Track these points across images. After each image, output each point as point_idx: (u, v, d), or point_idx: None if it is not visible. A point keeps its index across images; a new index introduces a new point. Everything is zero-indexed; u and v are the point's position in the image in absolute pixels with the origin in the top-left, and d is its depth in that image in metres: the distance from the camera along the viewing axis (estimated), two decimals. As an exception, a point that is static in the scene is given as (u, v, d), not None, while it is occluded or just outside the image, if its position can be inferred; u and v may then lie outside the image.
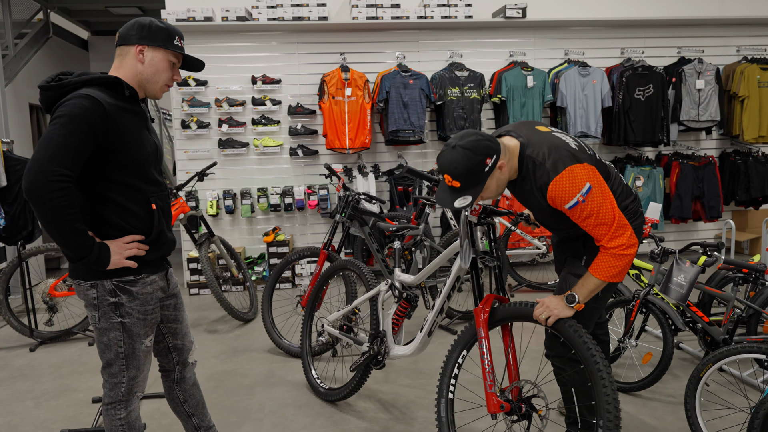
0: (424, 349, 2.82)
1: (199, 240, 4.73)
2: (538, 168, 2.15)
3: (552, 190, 2.11)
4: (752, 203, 6.51)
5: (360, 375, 3.10)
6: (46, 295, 4.45)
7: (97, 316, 2.02)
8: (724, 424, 2.79)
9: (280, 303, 5.11)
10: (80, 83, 1.92)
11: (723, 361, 2.49)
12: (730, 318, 3.27)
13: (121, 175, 1.97)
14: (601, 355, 2.09)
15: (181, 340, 2.31)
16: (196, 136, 5.99)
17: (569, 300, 2.17)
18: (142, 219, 2.04)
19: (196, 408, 2.40)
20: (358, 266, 3.30)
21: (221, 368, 3.86)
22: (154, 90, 2.08)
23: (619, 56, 6.43)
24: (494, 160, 2.10)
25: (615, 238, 2.10)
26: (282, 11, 5.77)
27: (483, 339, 2.29)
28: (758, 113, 6.23)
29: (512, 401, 2.26)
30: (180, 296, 2.31)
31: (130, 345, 2.05)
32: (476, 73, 6.02)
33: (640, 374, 3.40)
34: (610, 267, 2.12)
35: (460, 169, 2.08)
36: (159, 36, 2.02)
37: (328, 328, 3.40)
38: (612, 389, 2.05)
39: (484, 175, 2.10)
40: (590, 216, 2.10)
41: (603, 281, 2.14)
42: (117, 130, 1.92)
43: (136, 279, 2.03)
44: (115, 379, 2.08)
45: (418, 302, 2.96)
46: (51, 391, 3.60)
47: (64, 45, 7.81)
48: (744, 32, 6.62)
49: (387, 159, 6.28)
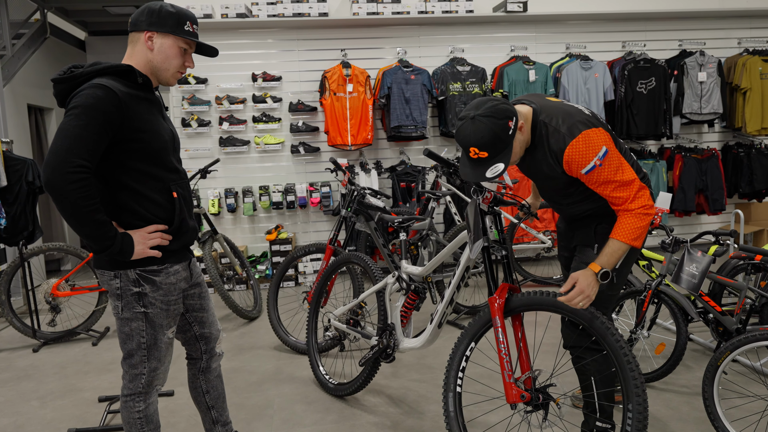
0: (434, 341, 2.78)
1: (202, 238, 4.68)
2: (552, 133, 2.12)
3: (568, 154, 2.08)
4: (756, 195, 6.49)
5: (369, 369, 3.06)
6: (48, 295, 4.39)
7: (120, 306, 1.99)
8: (741, 413, 2.76)
9: (285, 300, 5.08)
10: (93, 73, 1.89)
11: (741, 348, 2.46)
12: (742, 307, 3.24)
13: (140, 163, 1.94)
14: (624, 339, 2.07)
15: (208, 328, 2.29)
16: (196, 134, 5.94)
17: (604, 277, 2.09)
18: (163, 207, 2.00)
19: (217, 401, 2.38)
20: (363, 259, 3.27)
21: (228, 366, 3.81)
22: (166, 77, 2.05)
23: (621, 50, 6.41)
24: (515, 121, 2.07)
25: (637, 199, 2.09)
26: (282, 7, 5.74)
27: (499, 328, 2.25)
28: (761, 105, 6.21)
29: (531, 391, 2.22)
30: (204, 285, 2.29)
31: (152, 336, 2.03)
32: (478, 67, 5.99)
33: (653, 365, 3.36)
34: (635, 229, 2.08)
35: (486, 138, 2.03)
36: (168, 22, 1.98)
37: (335, 322, 3.36)
38: (639, 373, 2.05)
39: (510, 139, 2.06)
40: (608, 181, 2.08)
41: (627, 245, 2.10)
42: (133, 119, 1.89)
43: (160, 269, 2.00)
44: (136, 370, 2.04)
45: (426, 294, 2.93)
46: (56, 391, 3.55)
47: (61, 45, 7.75)
48: (745, 24, 6.61)
49: (389, 155, 6.24)
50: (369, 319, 3.26)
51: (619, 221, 2.12)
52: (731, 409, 2.76)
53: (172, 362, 2.33)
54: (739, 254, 3.23)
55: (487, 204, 2.38)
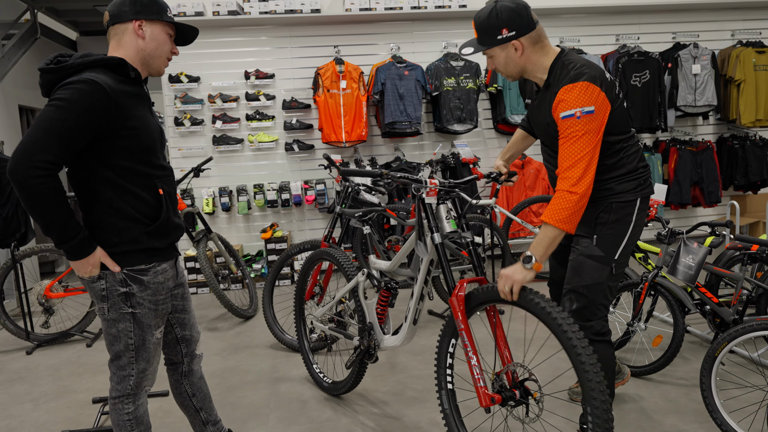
0: (413, 337, 2.73)
1: (197, 237, 4.65)
2: (563, 72, 2.16)
3: (561, 93, 2.11)
4: (751, 187, 6.49)
5: (357, 370, 3.01)
6: (41, 296, 4.36)
7: (105, 308, 1.95)
8: (738, 404, 2.75)
9: (281, 298, 5.05)
10: (83, 65, 1.84)
11: (738, 339, 2.45)
12: (739, 298, 3.23)
13: (128, 160, 1.90)
14: (569, 320, 1.93)
15: (189, 330, 2.25)
16: (189, 133, 5.91)
17: (525, 261, 2.04)
18: (148, 204, 1.96)
19: (204, 402, 2.34)
20: (333, 255, 3.14)
21: (224, 365, 3.79)
22: (158, 65, 2.02)
23: (615, 43, 6.39)
24: (511, 34, 2.15)
25: (570, 175, 2.06)
26: (274, 4, 5.70)
27: (462, 331, 2.18)
28: (755, 97, 6.21)
29: (507, 387, 2.14)
30: (187, 286, 2.25)
31: (140, 336, 1.99)
32: (472, 63, 5.96)
33: (650, 358, 3.35)
34: (564, 210, 2.05)
35: (479, 21, 2.19)
36: (153, 8, 1.96)
37: (317, 324, 3.28)
38: (596, 371, 1.86)
39: (494, 42, 2.17)
40: (572, 137, 2.07)
41: (556, 228, 2.06)
42: (122, 116, 1.85)
43: (148, 268, 1.97)
44: (124, 371, 2.01)
45: (398, 290, 2.83)
46: (50, 393, 3.52)
47: (52, 46, 7.70)
48: (738, 16, 6.60)
49: (384, 152, 6.22)
50: (352, 319, 3.19)
51: (552, 200, 2.10)
52: (729, 400, 2.75)
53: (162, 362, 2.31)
54: (735, 245, 3.21)
55: (435, 195, 2.33)
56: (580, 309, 2.32)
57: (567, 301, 2.36)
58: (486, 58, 2.30)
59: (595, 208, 2.28)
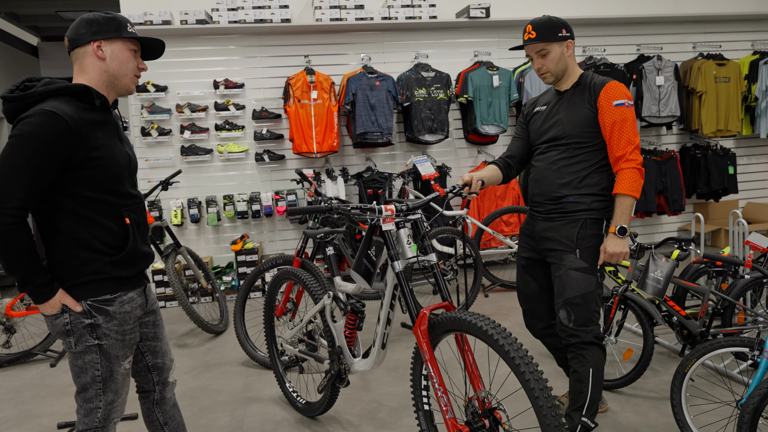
0: (383, 361, 2.68)
1: (165, 251, 4.55)
2: (597, 78, 2.55)
3: (608, 87, 2.47)
4: (713, 195, 6.67)
5: (330, 393, 2.96)
6: (2, 315, 4.20)
7: (72, 342, 1.88)
8: (708, 418, 2.81)
9: (253, 314, 4.98)
10: (46, 93, 1.77)
11: (708, 355, 2.51)
12: (705, 311, 3.31)
13: (92, 190, 1.84)
14: (500, 330, 1.92)
15: (161, 358, 2.18)
16: (157, 143, 5.79)
17: (621, 232, 2.42)
18: (114, 234, 1.90)
19: (177, 430, 2.27)
20: (298, 276, 3.08)
21: (194, 384, 3.71)
22: (126, 84, 1.95)
23: (581, 54, 6.50)
24: (569, 35, 2.54)
25: (637, 153, 2.44)
26: (243, 14, 5.63)
27: (427, 362, 2.15)
28: (715, 108, 6.39)
29: (478, 414, 2.08)
30: (159, 313, 2.18)
31: (107, 368, 1.92)
32: (442, 73, 5.99)
33: (621, 371, 3.41)
34: (636, 181, 2.43)
35: (540, 22, 2.52)
36: (111, 27, 1.88)
37: (287, 347, 3.23)
38: (525, 362, 1.83)
39: (557, 37, 2.51)
40: (625, 120, 2.42)
41: (633, 198, 2.45)
42: (86, 146, 1.78)
43: (113, 298, 1.90)
44: (91, 404, 1.93)
45: (365, 312, 2.77)
46: (12, 418, 3.39)
47: (12, 52, 7.47)
48: (699, 29, 6.79)
49: (355, 162, 6.20)
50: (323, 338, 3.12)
51: (622, 177, 2.44)
52: (699, 415, 2.81)
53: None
54: (701, 259, 3.30)
55: (392, 222, 2.27)
56: (579, 317, 2.49)
57: (564, 312, 2.51)
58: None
59: (574, 224, 2.51)
